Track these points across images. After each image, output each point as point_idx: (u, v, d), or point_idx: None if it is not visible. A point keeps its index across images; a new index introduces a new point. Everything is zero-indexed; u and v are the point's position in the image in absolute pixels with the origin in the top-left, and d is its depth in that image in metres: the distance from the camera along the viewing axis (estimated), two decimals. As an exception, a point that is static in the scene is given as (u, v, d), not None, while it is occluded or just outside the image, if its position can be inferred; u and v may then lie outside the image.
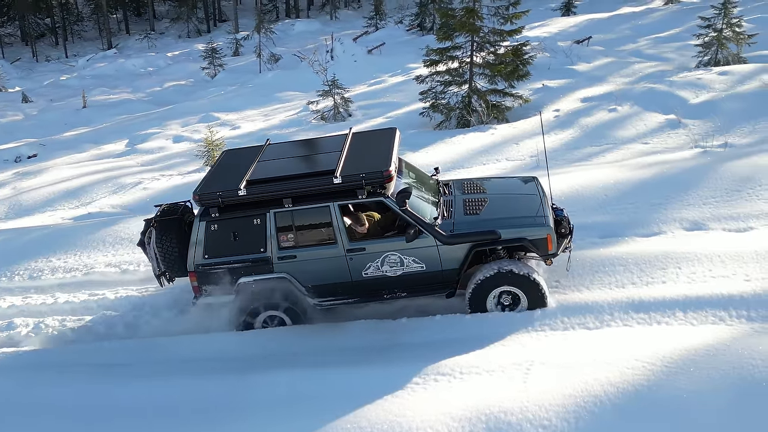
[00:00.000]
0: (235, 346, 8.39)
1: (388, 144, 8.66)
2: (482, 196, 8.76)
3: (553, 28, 27.15)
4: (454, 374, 7.01)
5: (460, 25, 17.39)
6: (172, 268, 8.68)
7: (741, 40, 18.67)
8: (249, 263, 8.24)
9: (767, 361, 6.28)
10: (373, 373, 7.28)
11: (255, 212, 8.14)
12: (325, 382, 7.26)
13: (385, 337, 8.08)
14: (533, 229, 8.06)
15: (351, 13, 42.79)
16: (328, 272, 8.21)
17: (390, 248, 8.11)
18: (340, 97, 19.95)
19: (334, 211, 8.07)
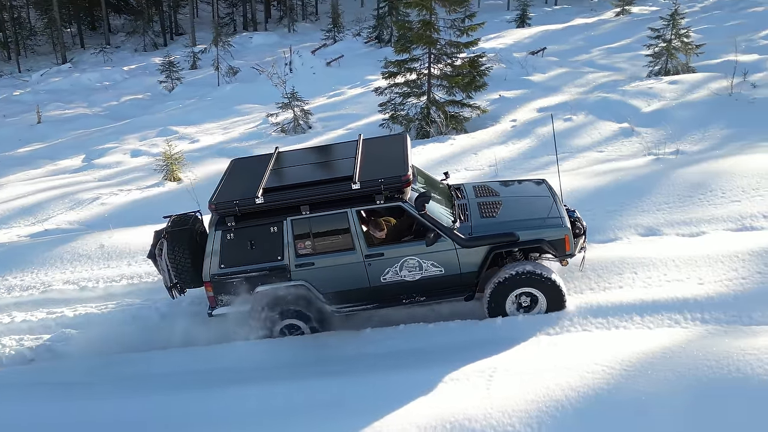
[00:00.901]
0: (196, 359, 8.38)
1: (401, 149, 8.66)
2: (496, 199, 8.79)
3: (508, 40, 27.58)
4: (418, 383, 7.08)
5: (417, 37, 17.57)
6: (185, 279, 8.58)
7: (689, 51, 19.19)
8: (266, 272, 8.18)
9: (721, 363, 6.48)
10: (336, 384, 7.33)
11: (272, 220, 8.09)
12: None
13: (353, 347, 8.12)
14: (551, 230, 8.14)
15: (309, 26, 42.83)
16: (346, 279, 8.18)
17: (409, 253, 8.12)
18: (300, 109, 19.96)
19: (352, 217, 8.04)
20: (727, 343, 6.81)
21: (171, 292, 8.78)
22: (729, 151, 12.78)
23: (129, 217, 13.60)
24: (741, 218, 9.67)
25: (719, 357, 6.57)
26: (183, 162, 16.33)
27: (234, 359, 8.22)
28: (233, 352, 8.36)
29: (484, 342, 7.77)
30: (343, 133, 18.64)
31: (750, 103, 15.20)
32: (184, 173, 16.17)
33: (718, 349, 6.69)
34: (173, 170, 16.03)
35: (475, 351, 7.55)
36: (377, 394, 7.02)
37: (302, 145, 17.86)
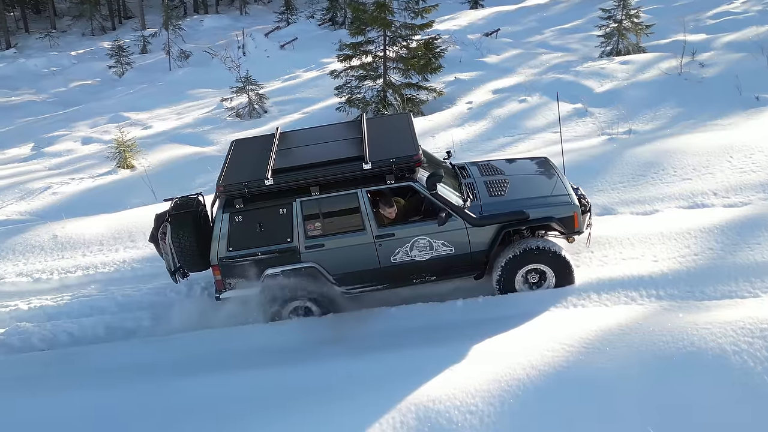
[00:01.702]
0: (158, 350, 8.31)
1: (408, 128, 8.61)
2: (502, 178, 8.79)
3: (462, 21, 27.61)
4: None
5: (372, 19, 17.50)
6: (189, 262, 8.47)
7: (640, 31, 19.47)
8: (275, 254, 8.11)
9: (676, 337, 6.66)
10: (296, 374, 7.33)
11: (280, 202, 8.01)
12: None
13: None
14: (560, 207, 8.20)
15: (261, 9, 42.21)
16: (356, 259, 8.14)
17: (419, 233, 8.10)
18: (255, 93, 19.75)
19: (362, 197, 8.00)
20: (681, 318, 7.01)
21: (174, 277, 8.67)
22: (679, 130, 13.06)
23: (82, 206, 13.33)
24: (692, 196, 9.91)
25: (674, 332, 6.75)
26: (136, 149, 16.06)
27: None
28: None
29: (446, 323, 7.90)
30: (300, 117, 18.52)
31: (699, 83, 15.52)
32: (138, 160, 15.92)
33: (673, 325, 6.88)
34: (126, 157, 15.76)
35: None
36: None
37: (258, 129, 17.74)
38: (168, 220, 8.42)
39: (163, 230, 8.46)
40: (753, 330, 6.52)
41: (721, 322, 6.73)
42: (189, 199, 8.81)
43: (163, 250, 8.59)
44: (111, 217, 11.79)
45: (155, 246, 8.84)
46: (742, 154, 10.58)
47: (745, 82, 14.49)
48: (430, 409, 6.41)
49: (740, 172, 10.18)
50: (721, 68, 15.92)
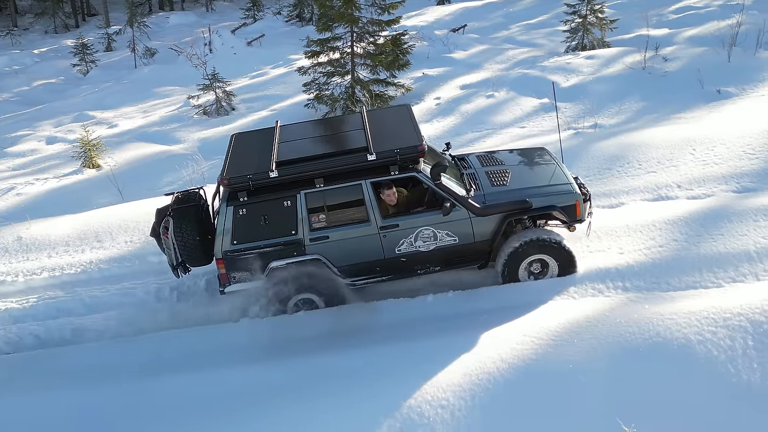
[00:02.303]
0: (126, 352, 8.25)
1: (409, 119, 8.65)
2: (503, 168, 8.84)
3: (429, 17, 27.66)
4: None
5: (339, 15, 17.44)
6: (192, 256, 8.42)
7: (604, 26, 19.67)
8: (280, 246, 8.10)
9: (642, 328, 6.79)
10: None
11: (285, 194, 8.01)
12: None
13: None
14: (562, 196, 8.27)
15: (227, 5, 41.86)
16: (361, 251, 8.16)
17: (423, 223, 8.13)
18: (222, 90, 19.58)
19: (366, 188, 8.00)
20: (647, 309, 7.14)
21: (176, 271, 8.61)
22: (644, 124, 13.25)
23: (47, 206, 13.15)
24: (657, 188, 10.08)
25: (640, 323, 6.88)
26: (102, 148, 15.85)
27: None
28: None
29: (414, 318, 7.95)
30: (268, 114, 18.43)
31: (662, 77, 15.73)
32: (104, 160, 15.72)
33: (639, 316, 7.00)
34: (92, 157, 15.55)
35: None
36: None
37: (226, 127, 17.61)
38: (170, 215, 8.38)
39: (165, 224, 8.42)
40: (716, 320, 6.66)
41: (685, 312, 6.87)
42: (190, 193, 8.80)
43: (164, 245, 8.54)
44: (77, 218, 11.63)
45: (156, 241, 8.80)
46: (705, 147, 10.77)
47: (707, 75, 14.74)
48: (402, 405, 6.45)
49: (703, 165, 10.37)
50: (684, 62, 16.17)
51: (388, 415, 6.37)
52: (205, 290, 9.43)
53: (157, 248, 10.21)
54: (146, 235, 10.59)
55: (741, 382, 6.14)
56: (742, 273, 7.85)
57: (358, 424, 6.38)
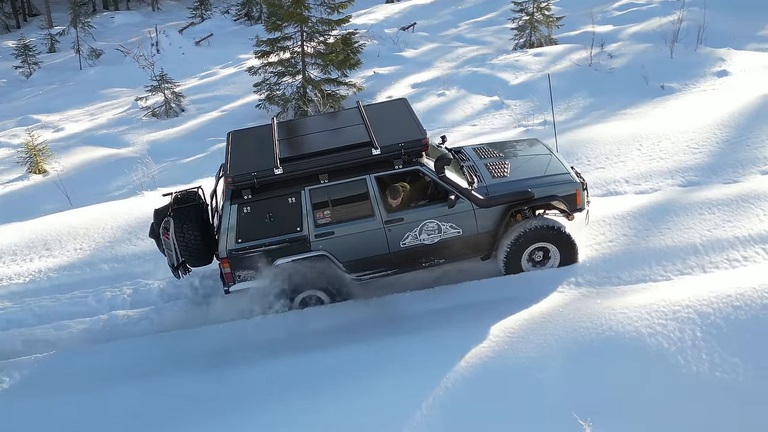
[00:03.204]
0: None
1: (408, 113, 8.67)
2: (501, 160, 8.89)
3: (379, 15, 27.71)
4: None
5: (288, 15, 17.39)
6: (194, 256, 8.29)
7: (551, 23, 19.99)
8: (285, 243, 8.05)
9: (595, 323, 6.95)
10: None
11: (289, 191, 7.96)
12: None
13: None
14: (563, 185, 8.37)
15: (174, 4, 41.26)
16: (366, 246, 8.16)
17: (428, 216, 8.15)
18: (171, 91, 19.36)
19: (370, 183, 8.01)
20: (599, 303, 7.30)
21: (177, 272, 8.48)
22: (592, 120, 13.50)
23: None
24: (606, 184, 10.28)
25: (593, 317, 7.04)
26: (48, 153, 15.53)
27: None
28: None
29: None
30: (219, 115, 18.28)
31: (608, 73, 16.06)
32: (50, 164, 15.41)
33: (592, 311, 7.17)
34: (38, 162, 15.24)
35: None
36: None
37: (176, 128, 17.39)
38: (170, 215, 8.27)
39: (165, 225, 8.30)
40: (666, 312, 6.86)
41: (636, 306, 7.06)
42: (189, 192, 8.70)
43: (165, 246, 8.42)
44: (24, 226, 11.37)
45: (156, 241, 8.69)
46: (651, 142, 11.03)
47: (650, 71, 15.09)
48: (365, 404, 6.50)
49: (650, 160, 10.61)
50: (629, 58, 16.52)
51: (342, 421, 6.40)
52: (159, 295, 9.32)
53: (108, 255, 10.10)
54: (96, 241, 10.44)
55: (691, 373, 6.33)
56: (690, 266, 8.08)
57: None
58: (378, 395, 6.63)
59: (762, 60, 15.41)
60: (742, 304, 6.78)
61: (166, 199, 8.72)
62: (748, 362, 6.34)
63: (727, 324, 6.65)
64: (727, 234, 8.41)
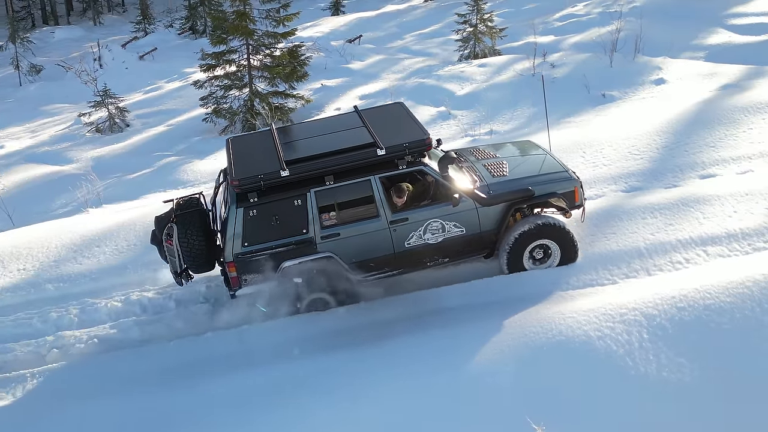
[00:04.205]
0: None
1: (407, 115, 8.81)
2: (499, 160, 8.99)
3: (325, 28, 27.79)
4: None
5: (233, 28, 17.34)
6: (198, 262, 8.19)
7: (494, 34, 20.34)
8: (292, 246, 8.03)
9: (545, 328, 7.09)
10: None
11: (295, 193, 7.96)
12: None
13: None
14: (562, 183, 8.51)
15: (116, 18, 40.67)
16: (371, 246, 8.20)
17: (432, 216, 8.22)
18: (115, 107, 19.06)
19: (375, 184, 8.03)
20: (549, 309, 7.46)
21: (179, 279, 8.35)
22: (536, 129, 13.74)
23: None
24: (552, 191, 10.48)
25: (543, 323, 7.18)
26: (-12, 172, 15.13)
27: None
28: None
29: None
30: (165, 129, 18.07)
31: (551, 83, 16.34)
32: (-9, 183, 15.00)
33: (542, 316, 7.31)
34: (-21, 181, 14.82)
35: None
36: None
37: (121, 144, 17.12)
38: (174, 221, 8.17)
39: (168, 232, 8.19)
40: (614, 315, 7.04)
41: (585, 310, 7.23)
42: (191, 198, 8.61)
43: (167, 252, 8.32)
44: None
45: (158, 248, 8.58)
46: (594, 150, 11.29)
47: (591, 80, 15.47)
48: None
49: (593, 167, 10.87)
50: (570, 68, 16.88)
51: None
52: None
53: (53, 274, 9.89)
54: (41, 261, 10.22)
55: (639, 374, 6.50)
56: (635, 269, 8.30)
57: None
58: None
59: (697, 68, 15.94)
60: (685, 305, 7.00)
61: (167, 206, 8.67)
62: (693, 362, 6.54)
63: (672, 325, 6.85)
64: (670, 237, 8.67)
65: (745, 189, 9.41)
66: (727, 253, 8.38)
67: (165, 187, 13.38)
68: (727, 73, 15.01)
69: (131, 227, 10.79)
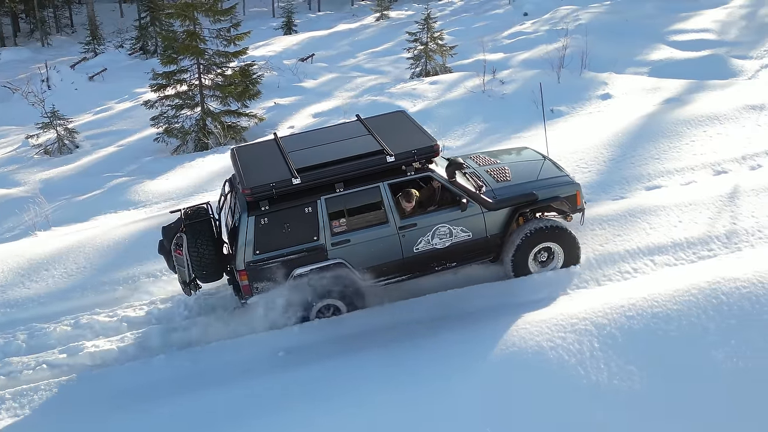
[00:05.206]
0: None
1: (411, 123, 8.95)
2: (501, 166, 9.10)
3: (277, 47, 27.83)
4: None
5: (184, 48, 17.29)
6: (208, 272, 8.17)
7: (444, 52, 20.62)
8: (303, 253, 8.08)
9: (498, 340, 7.15)
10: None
11: (306, 200, 7.99)
12: None
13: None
14: (564, 187, 8.70)
15: (65, 39, 40.05)
16: (381, 252, 8.28)
17: (440, 221, 8.32)
18: (64, 128, 18.76)
19: (384, 190, 8.11)
20: (501, 321, 7.51)
21: (188, 289, 8.29)
22: (487, 144, 13.94)
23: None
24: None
25: (496, 335, 7.24)
26: (-69, 197, 14.68)
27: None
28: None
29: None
30: (115, 150, 17.83)
31: (501, 99, 16.62)
32: (-66, 208, 14.55)
33: (495, 327, 7.37)
34: None
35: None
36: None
37: (70, 166, 16.84)
38: (183, 231, 8.12)
39: (177, 241, 8.13)
40: (565, 325, 7.15)
41: (537, 321, 7.33)
42: (199, 208, 8.55)
43: (176, 262, 8.26)
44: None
45: (165, 258, 8.51)
46: (544, 164, 11.50)
47: (540, 96, 15.72)
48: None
49: (543, 181, 11.06)
50: (519, 84, 17.16)
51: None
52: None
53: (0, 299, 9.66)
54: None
55: (591, 383, 6.61)
56: (585, 279, 8.47)
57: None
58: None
59: (641, 83, 16.37)
60: (634, 314, 7.14)
61: (174, 215, 8.64)
62: (642, 370, 6.67)
63: (621, 334, 6.98)
64: (618, 248, 8.88)
65: (689, 199, 9.69)
66: (674, 262, 8.62)
67: (116, 208, 13.20)
68: (670, 88, 15.44)
69: (81, 249, 10.63)
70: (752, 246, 8.70)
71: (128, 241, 10.77)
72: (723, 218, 9.23)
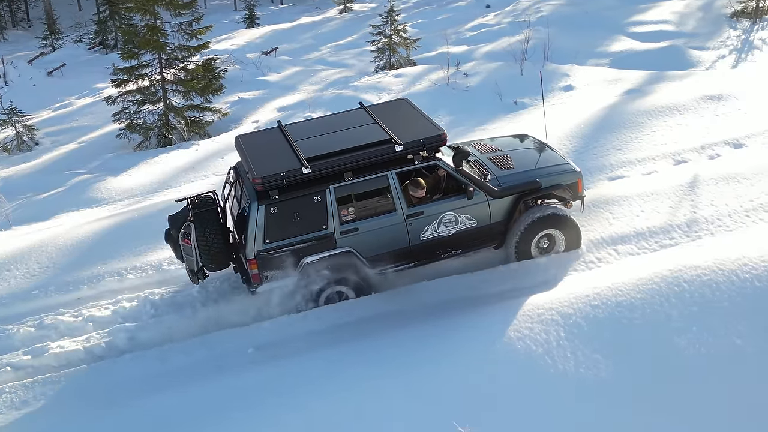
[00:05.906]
0: None
1: (416, 111, 9.03)
2: (503, 154, 9.15)
3: (240, 41, 27.58)
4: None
5: (145, 42, 17.06)
6: (216, 260, 8.15)
7: (408, 45, 20.67)
8: (312, 242, 8.15)
9: (467, 330, 7.24)
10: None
11: (315, 189, 8.03)
12: None
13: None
14: (566, 175, 8.83)
15: (21, 34, 39.19)
16: (388, 240, 8.36)
17: (446, 209, 8.43)
18: (23, 125, 18.42)
19: (392, 179, 8.17)
20: (470, 312, 7.61)
21: (196, 277, 8.28)
22: (452, 137, 13.85)
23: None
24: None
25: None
26: None
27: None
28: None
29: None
30: (76, 147, 17.56)
31: (465, 91, 16.70)
32: None
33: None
34: None
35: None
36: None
37: (30, 163, 16.56)
38: (191, 220, 8.09)
39: (185, 231, 8.11)
40: (531, 316, 7.24)
41: (503, 312, 7.40)
42: (206, 197, 8.50)
43: (184, 251, 8.23)
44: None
45: (172, 247, 8.53)
46: (508, 156, 11.59)
47: (504, 88, 15.84)
48: None
49: (508, 173, 11.15)
50: (483, 77, 17.26)
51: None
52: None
53: None
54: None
55: (558, 372, 6.70)
56: (549, 270, 8.57)
57: None
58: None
59: (602, 74, 16.57)
60: (599, 303, 7.25)
61: (180, 204, 8.61)
62: (608, 358, 6.76)
63: (587, 323, 7.09)
64: (582, 238, 8.98)
65: (650, 189, 9.88)
66: (636, 251, 8.79)
67: (78, 206, 12.99)
68: (631, 79, 15.66)
69: (43, 249, 10.46)
70: (712, 234, 8.92)
71: (92, 239, 10.64)
72: (683, 207, 9.44)
